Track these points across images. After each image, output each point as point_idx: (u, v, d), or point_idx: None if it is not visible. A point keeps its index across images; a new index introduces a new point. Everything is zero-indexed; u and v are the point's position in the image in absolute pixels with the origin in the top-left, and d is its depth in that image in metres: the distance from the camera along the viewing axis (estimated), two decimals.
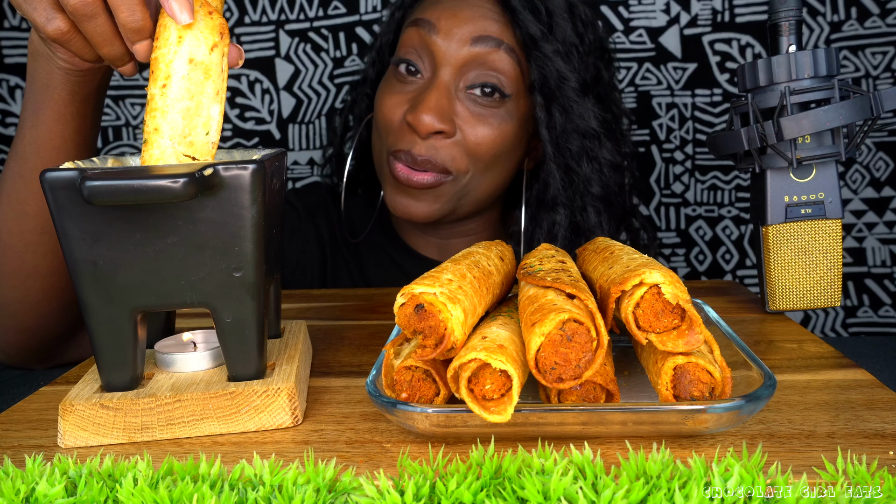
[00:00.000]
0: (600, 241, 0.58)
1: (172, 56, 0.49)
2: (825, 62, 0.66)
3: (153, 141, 0.49)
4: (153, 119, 0.49)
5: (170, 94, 0.48)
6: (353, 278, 1.00)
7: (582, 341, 0.41)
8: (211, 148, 0.50)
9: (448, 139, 0.82)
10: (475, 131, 0.82)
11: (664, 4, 1.21)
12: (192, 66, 0.49)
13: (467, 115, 0.82)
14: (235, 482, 0.39)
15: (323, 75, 1.25)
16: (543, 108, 0.83)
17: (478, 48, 0.81)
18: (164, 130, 0.49)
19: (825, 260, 0.69)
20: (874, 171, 1.22)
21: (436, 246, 0.97)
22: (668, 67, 1.23)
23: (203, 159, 0.49)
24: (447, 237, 0.96)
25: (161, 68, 0.49)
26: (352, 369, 0.59)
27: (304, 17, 1.24)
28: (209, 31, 0.49)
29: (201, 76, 0.49)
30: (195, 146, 0.49)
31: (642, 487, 0.35)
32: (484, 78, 0.82)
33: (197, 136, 0.49)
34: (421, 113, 0.79)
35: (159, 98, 0.48)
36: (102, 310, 0.46)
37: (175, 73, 0.48)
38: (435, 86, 0.81)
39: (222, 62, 0.50)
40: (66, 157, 0.69)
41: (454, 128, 0.81)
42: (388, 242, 1.00)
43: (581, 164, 0.85)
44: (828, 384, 0.53)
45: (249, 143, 1.27)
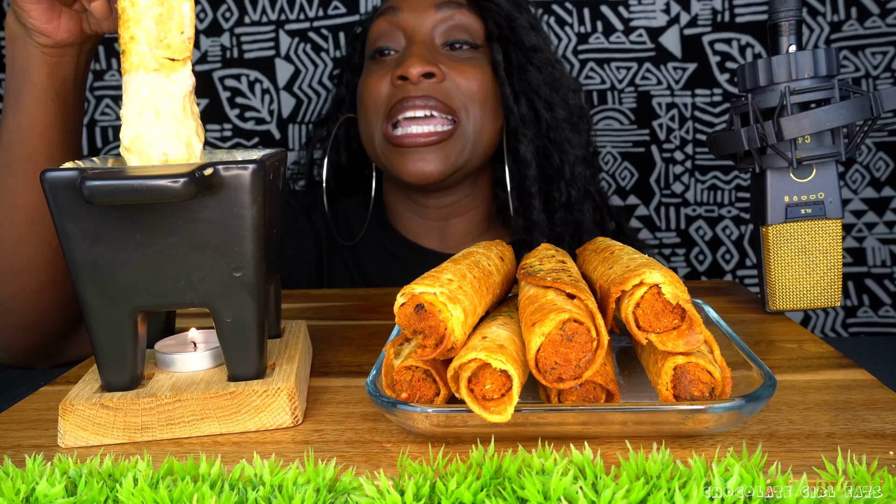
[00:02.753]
0: (600, 241, 0.58)
1: None
2: (825, 62, 0.66)
3: (131, 49, 0.48)
4: (127, 29, 0.48)
5: (140, 4, 0.48)
6: (352, 276, 1.00)
7: (582, 341, 0.41)
8: (188, 44, 0.50)
9: (439, 84, 0.87)
10: (462, 75, 0.89)
11: (664, 4, 1.21)
12: None
13: (450, 63, 0.89)
14: (235, 482, 0.39)
15: (323, 75, 1.25)
16: (501, 52, 0.91)
17: (442, 12, 0.90)
18: (139, 37, 0.48)
19: (825, 260, 0.69)
20: (874, 171, 1.22)
21: (437, 230, 0.99)
22: (668, 67, 1.23)
23: (182, 57, 0.49)
24: (447, 217, 0.98)
25: None
26: (352, 369, 0.59)
27: (304, 17, 1.24)
28: None
29: None
30: (173, 47, 0.49)
31: (642, 487, 0.35)
32: (454, 35, 0.90)
33: (173, 38, 0.49)
34: (409, 63, 0.86)
35: (130, 9, 0.48)
36: (102, 310, 0.46)
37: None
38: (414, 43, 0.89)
39: None
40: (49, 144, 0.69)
41: (442, 73, 0.88)
42: (386, 238, 1.00)
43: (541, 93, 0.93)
44: (828, 384, 0.53)
45: (249, 143, 1.27)
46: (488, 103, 0.91)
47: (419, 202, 0.98)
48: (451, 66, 0.89)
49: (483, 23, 0.92)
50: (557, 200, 0.95)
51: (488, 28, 0.91)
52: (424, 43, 0.89)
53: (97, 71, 1.26)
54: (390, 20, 0.91)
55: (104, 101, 1.26)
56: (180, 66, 0.49)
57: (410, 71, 0.85)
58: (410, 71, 0.85)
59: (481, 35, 0.92)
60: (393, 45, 0.91)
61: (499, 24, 0.91)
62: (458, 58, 0.90)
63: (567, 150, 0.95)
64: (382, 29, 0.92)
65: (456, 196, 0.97)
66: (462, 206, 0.98)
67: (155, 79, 0.48)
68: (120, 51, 0.49)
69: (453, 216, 0.98)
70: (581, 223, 0.97)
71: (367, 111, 0.92)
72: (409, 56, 0.87)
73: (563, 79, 0.97)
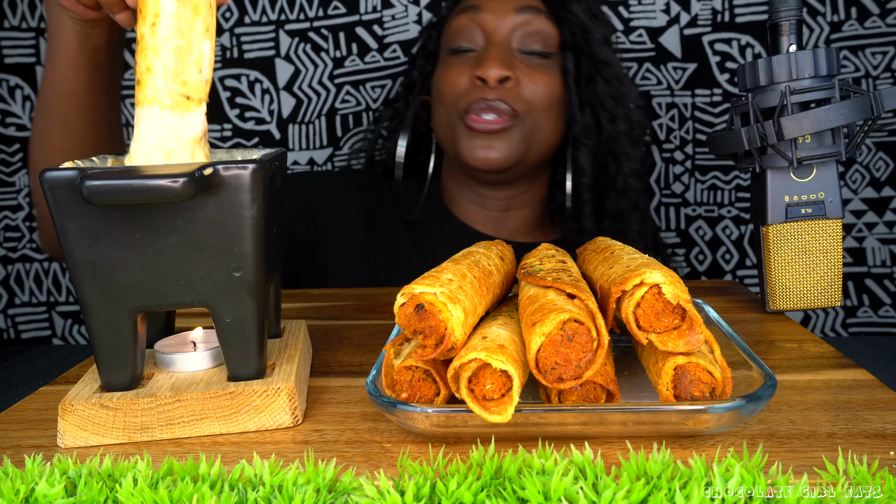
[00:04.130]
0: (600, 241, 0.58)
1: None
2: (825, 62, 0.66)
3: (146, 81, 0.48)
4: (144, 59, 0.48)
5: (160, 33, 0.47)
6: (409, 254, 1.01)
7: (582, 341, 0.41)
8: (205, 86, 0.49)
9: (514, 87, 0.93)
10: (534, 80, 0.94)
11: (664, 4, 1.21)
12: (180, 3, 0.48)
13: (524, 68, 0.94)
14: (235, 482, 0.38)
15: (323, 75, 1.25)
16: (573, 62, 0.96)
17: (521, 17, 0.94)
18: (156, 70, 0.47)
19: (825, 260, 0.69)
20: (874, 171, 1.22)
21: (493, 220, 1.03)
22: (668, 67, 1.23)
23: (197, 98, 0.49)
24: (505, 209, 1.02)
25: (149, 6, 0.48)
26: (352, 369, 0.59)
27: (304, 17, 1.24)
28: None
29: (190, 13, 0.48)
30: (189, 85, 0.48)
31: (643, 488, 0.35)
32: (530, 40, 0.94)
33: (190, 75, 0.48)
34: (488, 65, 0.91)
35: (149, 37, 0.47)
36: (102, 310, 0.46)
37: (164, 10, 0.47)
38: (493, 45, 0.94)
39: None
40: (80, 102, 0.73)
41: (516, 76, 0.93)
42: (444, 220, 1.04)
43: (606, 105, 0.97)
44: (828, 384, 0.53)
45: (249, 143, 1.27)
46: (552, 109, 0.95)
47: (479, 192, 1.02)
48: (524, 71, 0.93)
49: (559, 30, 0.96)
50: (608, 209, 1.00)
51: (563, 36, 0.95)
52: (503, 45, 0.94)
53: None
54: (471, 18, 0.95)
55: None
56: (194, 107, 0.48)
57: (489, 73, 0.91)
58: (489, 73, 0.91)
59: (556, 42, 0.96)
60: (472, 43, 0.96)
61: (573, 33, 0.95)
62: (532, 62, 0.94)
63: (623, 162, 0.99)
64: (462, 25, 0.96)
65: (515, 191, 1.02)
66: (520, 201, 1.02)
67: (168, 117, 0.48)
68: (135, 80, 0.49)
69: (510, 209, 1.02)
70: (627, 234, 1.01)
71: (445, 102, 0.97)
72: (488, 58, 0.91)
73: (629, 94, 1.00)
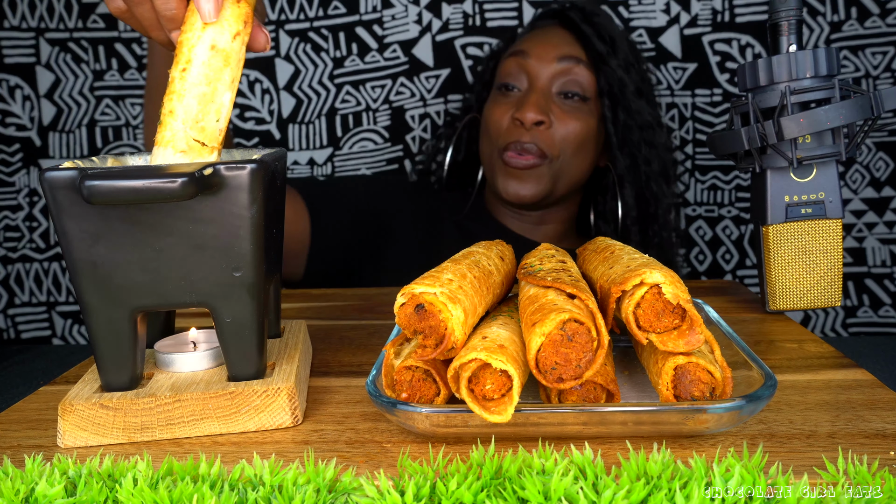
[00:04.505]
0: (600, 241, 0.58)
1: (195, 41, 0.49)
2: (825, 62, 0.66)
3: (167, 123, 0.49)
4: (170, 101, 0.49)
5: (188, 79, 0.49)
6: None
7: (582, 341, 0.41)
8: (219, 134, 0.50)
9: (546, 130, 1.04)
10: (566, 124, 1.05)
11: (664, 4, 1.21)
12: (213, 52, 0.49)
13: (559, 112, 1.05)
14: (235, 482, 0.38)
15: (323, 75, 1.25)
16: (610, 109, 1.07)
17: (563, 65, 1.06)
18: (178, 113, 0.49)
19: (825, 260, 0.69)
20: (874, 171, 1.22)
21: (529, 231, 1.15)
22: (668, 67, 1.23)
23: (211, 144, 0.50)
24: (539, 222, 1.14)
25: (183, 52, 0.49)
26: (352, 369, 0.59)
27: (304, 17, 1.24)
28: (234, 20, 0.50)
29: (221, 63, 0.50)
30: (206, 131, 0.50)
31: (643, 488, 0.35)
32: (569, 86, 1.06)
33: (208, 122, 0.50)
34: (526, 109, 1.03)
35: (178, 81, 0.49)
36: (102, 310, 0.46)
37: (196, 57, 0.49)
38: (533, 90, 1.06)
39: (241, 51, 0.51)
40: None
41: (550, 121, 1.04)
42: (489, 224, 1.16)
43: (641, 149, 1.08)
44: (828, 384, 0.53)
45: (249, 143, 1.27)
46: (583, 149, 1.07)
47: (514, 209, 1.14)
48: (559, 116, 1.05)
49: (596, 78, 1.06)
50: (651, 240, 1.12)
51: (600, 84, 1.06)
52: (542, 91, 1.05)
53: (97, 71, 1.26)
54: (519, 63, 1.08)
55: (104, 101, 1.26)
56: (207, 154, 0.49)
57: (527, 116, 1.02)
58: (527, 116, 1.02)
59: (593, 89, 1.06)
60: (517, 83, 1.08)
61: (609, 82, 1.06)
62: (568, 106, 1.05)
63: (661, 199, 1.11)
64: (511, 69, 1.08)
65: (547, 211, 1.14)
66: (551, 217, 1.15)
67: (179, 161, 0.49)
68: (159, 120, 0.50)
69: (543, 223, 1.15)
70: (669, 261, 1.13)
71: (489, 134, 1.09)
72: (527, 103, 1.03)
73: (660, 139, 1.11)
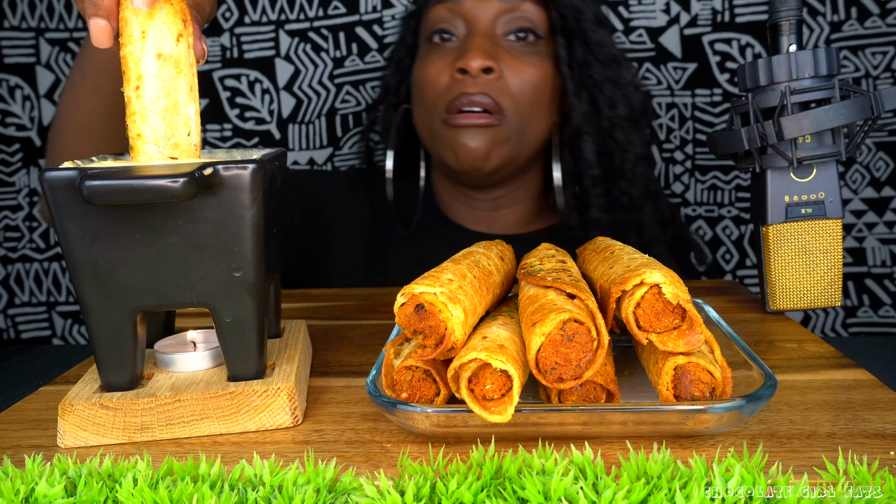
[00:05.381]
0: (600, 241, 0.58)
1: (140, 53, 0.47)
2: (825, 62, 0.66)
3: (138, 147, 0.47)
4: (134, 125, 0.47)
5: (146, 96, 0.47)
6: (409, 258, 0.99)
7: (582, 341, 0.41)
8: (194, 150, 0.49)
9: (496, 80, 0.86)
10: (519, 72, 0.87)
11: (664, 4, 1.21)
12: (161, 61, 0.47)
13: (509, 59, 0.87)
14: (235, 482, 0.38)
15: (323, 75, 1.25)
16: (565, 46, 0.89)
17: (505, 2, 0.87)
18: (147, 135, 0.47)
19: (825, 260, 0.69)
20: (874, 171, 1.22)
21: (484, 220, 0.99)
22: (668, 67, 1.23)
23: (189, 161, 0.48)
24: (495, 208, 0.98)
25: (132, 68, 0.47)
26: (352, 369, 0.59)
27: (304, 17, 1.24)
28: (171, 20, 0.47)
29: (172, 71, 0.47)
30: (180, 147, 0.48)
31: (643, 488, 0.35)
32: (517, 23, 0.88)
33: (180, 137, 0.48)
34: (469, 56, 0.84)
35: (136, 101, 0.47)
36: (102, 310, 0.46)
37: (146, 71, 0.47)
38: (475, 34, 0.87)
39: (189, 55, 0.48)
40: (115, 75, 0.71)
41: (500, 68, 0.86)
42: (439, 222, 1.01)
43: (604, 90, 0.90)
44: (828, 384, 0.53)
45: (249, 143, 1.27)
46: (541, 101, 0.90)
47: (467, 195, 0.98)
48: (509, 63, 0.87)
49: (547, 14, 0.90)
50: (619, 199, 0.94)
51: (552, 20, 0.89)
52: (486, 34, 0.87)
53: None
54: (451, 8, 0.89)
55: None
56: None
57: (470, 64, 0.84)
58: (470, 64, 0.84)
59: (545, 27, 0.90)
60: (452, 29, 0.89)
61: (564, 15, 0.89)
62: (519, 51, 0.88)
63: (627, 148, 0.93)
64: (441, 16, 0.90)
65: (504, 190, 0.97)
66: (509, 199, 0.98)
67: None
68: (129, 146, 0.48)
69: (501, 208, 0.98)
70: (643, 223, 0.95)
71: (425, 101, 0.91)
72: (469, 49, 0.85)
73: (626, 75, 0.94)
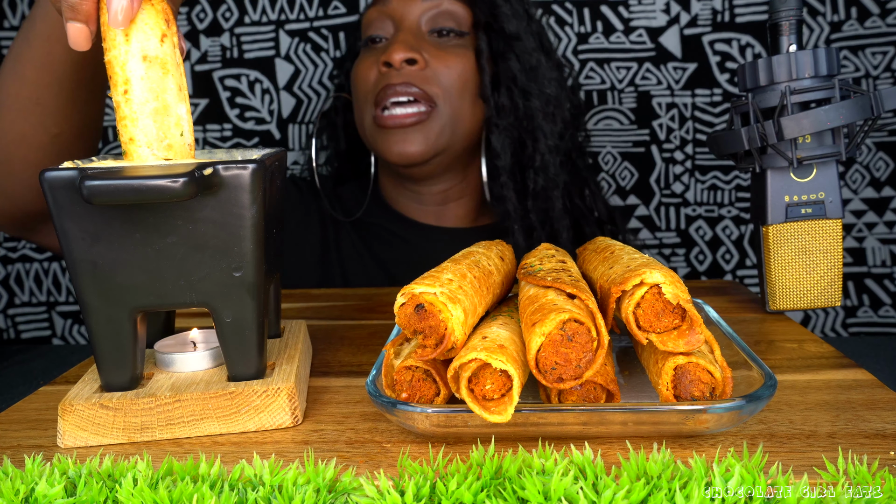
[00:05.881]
0: (600, 241, 0.58)
1: (125, 57, 0.46)
2: (826, 62, 0.66)
3: (131, 151, 0.47)
4: (125, 129, 0.47)
5: (134, 100, 0.46)
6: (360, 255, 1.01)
7: (582, 341, 0.41)
8: (189, 150, 0.48)
9: (420, 70, 0.90)
10: (445, 62, 0.91)
11: (664, 4, 1.21)
12: (147, 63, 0.46)
13: (434, 51, 0.91)
14: (235, 482, 0.38)
15: (323, 75, 1.25)
16: (485, 40, 0.94)
17: (429, 1, 0.92)
18: (139, 139, 0.47)
19: (825, 260, 0.69)
20: (874, 171, 1.22)
21: (433, 214, 1.01)
22: (668, 67, 1.23)
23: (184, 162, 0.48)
24: (443, 202, 1.01)
25: (118, 73, 0.46)
26: (352, 369, 0.59)
27: (304, 17, 1.24)
28: (154, 21, 0.47)
29: (159, 72, 0.47)
30: (174, 149, 0.48)
31: (643, 488, 0.35)
32: (440, 21, 0.93)
33: (173, 138, 0.48)
34: (392, 49, 0.89)
35: (125, 106, 0.47)
36: (102, 310, 0.46)
37: (133, 74, 0.46)
38: (400, 30, 0.92)
39: (175, 54, 0.48)
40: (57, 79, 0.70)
41: (424, 60, 0.90)
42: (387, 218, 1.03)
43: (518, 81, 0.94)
44: (828, 384, 0.53)
45: (249, 143, 1.27)
46: (468, 91, 0.93)
47: (413, 189, 1.01)
48: (435, 54, 0.91)
49: (471, 10, 0.94)
50: (529, 189, 0.97)
51: (476, 15, 0.93)
52: (411, 30, 0.92)
53: None
54: (380, 10, 0.94)
55: None
56: None
57: (393, 57, 0.89)
58: (393, 57, 0.89)
59: (468, 22, 0.94)
60: (382, 32, 0.94)
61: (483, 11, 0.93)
62: (444, 45, 0.92)
63: (539, 138, 0.96)
64: (372, 18, 0.95)
65: (447, 183, 1.00)
66: (455, 192, 1.01)
67: None
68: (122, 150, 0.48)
69: (448, 201, 1.01)
70: (550, 211, 0.98)
71: (358, 97, 0.95)
72: (392, 43, 0.90)
73: (541, 68, 0.97)
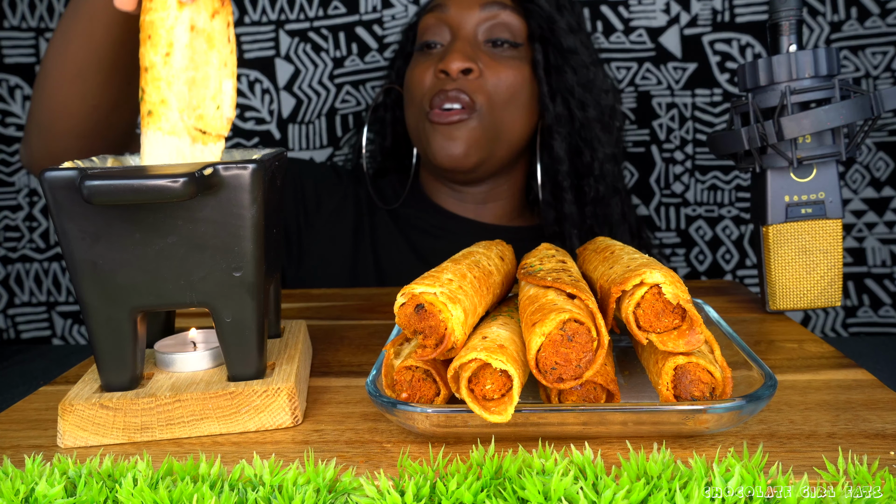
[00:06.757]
0: (600, 241, 0.58)
1: (173, 22, 0.46)
2: (826, 62, 0.66)
3: (160, 113, 0.46)
4: (158, 90, 0.46)
5: (174, 64, 0.46)
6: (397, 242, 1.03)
7: (582, 341, 0.41)
8: (225, 123, 0.47)
9: (475, 79, 0.94)
10: (497, 73, 0.95)
11: (664, 4, 1.21)
12: (193, 33, 0.46)
13: (488, 60, 0.95)
14: (235, 482, 0.38)
15: (323, 75, 1.25)
16: (541, 52, 0.98)
17: (487, 11, 0.96)
18: (171, 102, 0.46)
19: (825, 260, 0.69)
20: (874, 171, 1.22)
21: (472, 212, 1.05)
22: (668, 67, 1.23)
23: (215, 133, 0.47)
24: (483, 201, 1.04)
25: (161, 34, 0.46)
26: (352, 369, 0.59)
27: (304, 17, 1.24)
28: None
29: (205, 45, 0.46)
30: (205, 119, 0.47)
31: (643, 488, 0.35)
32: (496, 32, 0.96)
33: (207, 110, 0.47)
34: (449, 58, 0.93)
35: (162, 67, 0.46)
36: (102, 310, 0.46)
37: (177, 40, 0.46)
38: (458, 39, 0.95)
39: (228, 32, 0.47)
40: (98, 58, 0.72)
41: (479, 68, 0.94)
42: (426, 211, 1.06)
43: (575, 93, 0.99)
44: (828, 384, 0.53)
45: (249, 143, 1.27)
46: (519, 101, 0.96)
47: (455, 189, 1.04)
48: (489, 64, 0.94)
49: (526, 22, 0.97)
50: (588, 195, 1.01)
51: (531, 28, 0.97)
52: (467, 39, 0.95)
53: None
54: (438, 17, 0.98)
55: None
56: (211, 141, 0.47)
57: (450, 66, 0.92)
58: (450, 66, 0.92)
59: (523, 34, 0.97)
60: (439, 39, 0.98)
61: (540, 25, 0.97)
62: (498, 55, 0.96)
63: (597, 147, 1.01)
64: (430, 23, 0.99)
65: (490, 185, 1.03)
66: (496, 194, 1.04)
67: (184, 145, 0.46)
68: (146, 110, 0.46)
69: (488, 201, 1.05)
70: (610, 217, 1.03)
71: (412, 98, 0.99)
72: (451, 52, 0.93)
73: (597, 80, 1.02)
